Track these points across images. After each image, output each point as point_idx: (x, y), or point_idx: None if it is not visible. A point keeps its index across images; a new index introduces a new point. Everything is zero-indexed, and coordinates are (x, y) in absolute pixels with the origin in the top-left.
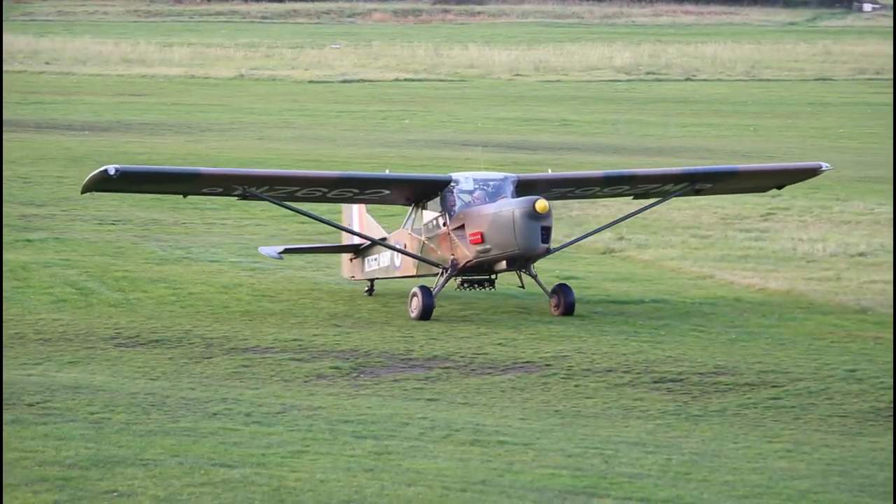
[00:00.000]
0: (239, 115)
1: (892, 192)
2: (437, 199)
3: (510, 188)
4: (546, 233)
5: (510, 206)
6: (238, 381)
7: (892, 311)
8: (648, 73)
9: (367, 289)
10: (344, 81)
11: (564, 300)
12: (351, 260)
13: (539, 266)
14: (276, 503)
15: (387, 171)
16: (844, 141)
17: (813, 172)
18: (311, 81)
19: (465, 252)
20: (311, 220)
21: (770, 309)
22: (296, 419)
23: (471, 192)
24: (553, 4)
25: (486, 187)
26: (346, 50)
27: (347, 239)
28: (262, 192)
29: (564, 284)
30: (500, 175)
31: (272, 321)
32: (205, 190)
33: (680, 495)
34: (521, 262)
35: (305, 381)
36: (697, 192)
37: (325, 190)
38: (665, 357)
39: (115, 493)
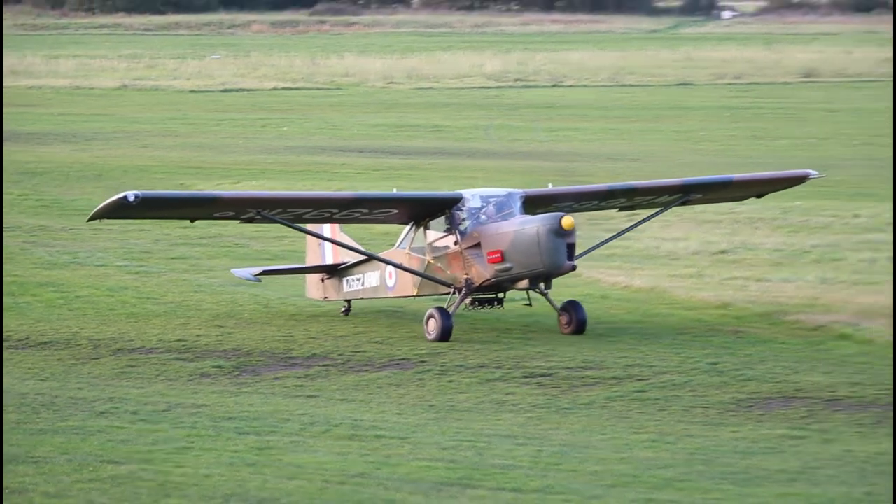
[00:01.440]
0: (123, 124)
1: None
2: (441, 218)
3: (517, 204)
4: (571, 250)
5: (533, 224)
6: (124, 381)
7: (750, 306)
8: (517, 80)
9: (343, 309)
10: (224, 91)
11: (576, 317)
12: (322, 280)
13: None
14: (162, 497)
15: (394, 190)
16: (706, 143)
17: (801, 180)
18: (192, 91)
19: (482, 272)
20: (193, 225)
21: (635, 305)
22: (180, 417)
23: (479, 210)
24: (425, 14)
25: (493, 204)
26: (226, 60)
27: (318, 259)
28: (275, 215)
29: (575, 301)
30: (504, 191)
31: (157, 322)
32: (217, 214)
33: (550, 485)
34: (542, 280)
35: (189, 380)
36: (685, 203)
37: (336, 211)
38: (535, 353)
39: (6, 491)
